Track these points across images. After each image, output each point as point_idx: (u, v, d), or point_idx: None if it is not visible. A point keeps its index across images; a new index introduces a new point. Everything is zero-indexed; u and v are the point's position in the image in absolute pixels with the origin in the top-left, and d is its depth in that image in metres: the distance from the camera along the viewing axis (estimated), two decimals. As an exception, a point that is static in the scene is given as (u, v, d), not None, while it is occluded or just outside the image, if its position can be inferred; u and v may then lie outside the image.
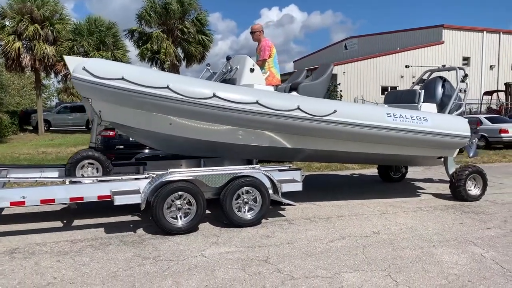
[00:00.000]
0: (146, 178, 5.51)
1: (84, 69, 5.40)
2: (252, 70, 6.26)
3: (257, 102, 5.72)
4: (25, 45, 22.28)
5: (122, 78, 5.37)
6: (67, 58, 5.73)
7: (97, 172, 5.89)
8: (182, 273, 4.19)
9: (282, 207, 6.75)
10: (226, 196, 5.61)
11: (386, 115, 6.53)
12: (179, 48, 25.12)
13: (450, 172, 7.51)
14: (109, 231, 5.56)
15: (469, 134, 7.16)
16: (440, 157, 7.57)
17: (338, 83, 28.30)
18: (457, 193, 7.34)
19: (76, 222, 5.94)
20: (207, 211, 5.91)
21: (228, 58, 6.91)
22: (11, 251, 4.78)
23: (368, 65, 30.30)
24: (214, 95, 5.56)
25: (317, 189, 8.45)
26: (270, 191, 5.90)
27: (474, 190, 7.44)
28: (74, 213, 6.20)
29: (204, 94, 5.55)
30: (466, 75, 7.73)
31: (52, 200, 5.17)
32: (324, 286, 3.90)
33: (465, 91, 7.74)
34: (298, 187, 6.09)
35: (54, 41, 22.55)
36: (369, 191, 8.24)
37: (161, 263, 4.45)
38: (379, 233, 5.51)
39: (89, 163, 5.87)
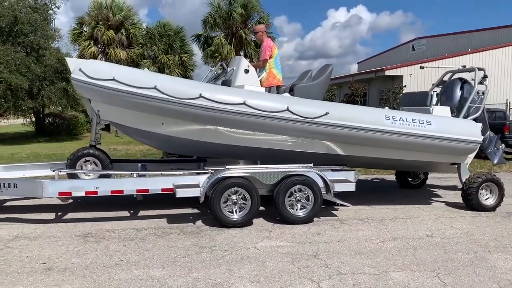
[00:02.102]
0: (205, 173, 5.88)
1: (80, 70, 5.74)
2: (246, 71, 6.28)
3: (244, 103, 5.77)
4: (100, 50, 23.94)
5: (113, 79, 5.64)
6: (68, 60, 6.11)
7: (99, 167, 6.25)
8: (235, 262, 4.48)
9: (336, 207, 6.86)
10: (279, 193, 5.84)
11: (385, 117, 6.30)
12: (242, 52, 25.72)
13: (463, 180, 7.02)
14: (170, 221, 6.00)
15: (479, 139, 6.70)
16: (454, 164, 7.11)
17: (404, 86, 27.57)
18: (469, 201, 6.90)
19: (142, 213, 6.45)
20: (262, 208, 6.19)
21: (222, 60, 7.13)
22: (85, 235, 5.34)
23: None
24: (200, 96, 5.68)
25: (374, 192, 8.44)
26: (323, 190, 6.05)
27: (488, 200, 6.93)
28: (140, 204, 6.71)
29: (191, 95, 5.68)
30: (485, 77, 7.30)
31: (121, 191, 5.69)
32: (370, 282, 4.01)
33: (483, 93, 7.31)
34: (351, 187, 6.17)
35: (127, 46, 24.02)
36: (428, 195, 8.10)
37: (216, 252, 4.77)
38: (432, 236, 5.47)
39: (88, 160, 6.23)
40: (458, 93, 7.47)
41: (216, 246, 4.97)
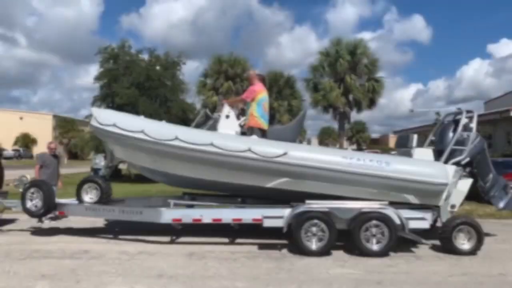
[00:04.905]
0: (290, 207, 6.78)
1: (95, 117, 7.35)
2: (227, 116, 7.26)
3: (211, 144, 6.63)
4: (220, 99, 26.70)
5: (114, 125, 7.05)
6: (92, 109, 7.87)
7: (97, 193, 7.56)
8: (306, 282, 5.26)
9: (417, 244, 7.18)
10: (355, 227, 6.47)
11: (342, 158, 6.67)
12: (351, 95, 26.43)
13: (443, 222, 6.83)
14: (260, 248, 6.99)
15: (443, 181, 6.50)
16: (436, 206, 6.85)
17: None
18: (444, 244, 6.75)
19: (238, 240, 7.55)
20: (344, 241, 6.83)
21: (205, 107, 8.08)
22: (190, 253, 6.59)
23: None
24: (176, 138, 6.72)
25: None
26: (399, 227, 6.49)
27: (466, 244, 6.66)
28: (236, 232, 7.82)
29: (169, 137, 6.76)
30: (471, 118, 7.16)
31: (220, 220, 6.88)
32: (421, 307, 4.48)
33: (468, 136, 7.08)
34: (425, 225, 6.55)
35: (237, 94, 26.44)
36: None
37: (292, 274, 5.61)
38: (505, 275, 5.60)
39: (90, 186, 7.58)
40: (448, 135, 7.38)
41: (294, 269, 5.80)
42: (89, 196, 7.60)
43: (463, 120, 7.25)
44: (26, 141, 60.95)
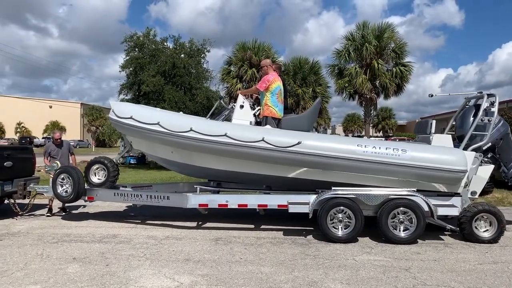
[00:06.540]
0: (315, 193, 6.74)
1: (113, 110, 7.45)
2: (241, 106, 7.20)
3: (225, 135, 6.63)
4: (244, 86, 26.63)
5: (131, 117, 7.13)
6: (110, 102, 7.82)
7: (105, 173, 7.78)
8: (333, 268, 5.23)
9: (446, 232, 7.05)
10: (382, 214, 6.38)
11: (357, 146, 6.50)
12: (377, 81, 25.91)
13: (463, 209, 6.62)
14: (286, 234, 6.99)
15: (461, 168, 6.26)
16: (456, 193, 6.63)
17: None
18: (463, 232, 6.58)
19: (263, 226, 7.57)
20: (372, 228, 6.76)
21: (221, 98, 8.23)
22: (217, 239, 6.64)
23: None
24: (191, 129, 6.77)
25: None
26: (427, 214, 6.37)
27: (487, 232, 6.52)
28: (262, 218, 7.84)
29: (184, 128, 6.82)
30: (492, 103, 6.78)
31: (246, 205, 6.90)
32: (451, 294, 4.40)
33: (489, 120, 6.72)
34: (454, 212, 6.40)
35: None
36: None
37: (318, 259, 5.59)
38: (539, 264, 5.44)
39: (98, 168, 7.84)
40: (469, 120, 7.06)
41: (320, 255, 5.78)
42: (97, 177, 7.88)
43: (484, 104, 6.95)
44: (55, 129, 62.62)
